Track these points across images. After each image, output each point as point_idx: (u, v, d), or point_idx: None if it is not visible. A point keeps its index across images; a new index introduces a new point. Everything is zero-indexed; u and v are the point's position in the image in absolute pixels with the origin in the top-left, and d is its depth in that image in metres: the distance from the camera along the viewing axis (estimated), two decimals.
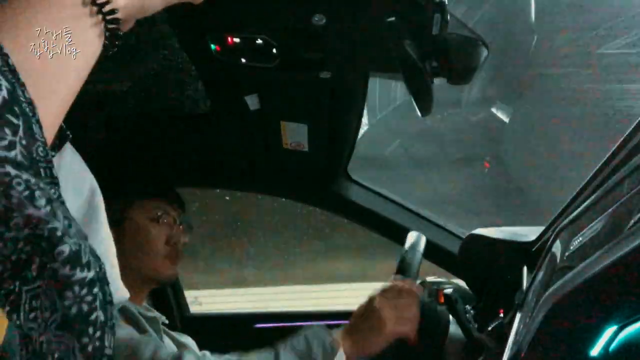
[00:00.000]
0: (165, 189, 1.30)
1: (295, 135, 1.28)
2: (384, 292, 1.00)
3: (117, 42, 0.45)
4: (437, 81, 0.87)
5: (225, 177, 1.60)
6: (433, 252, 1.54)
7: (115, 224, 1.18)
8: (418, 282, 1.11)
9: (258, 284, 3.86)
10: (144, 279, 1.20)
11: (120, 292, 0.63)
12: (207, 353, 1.00)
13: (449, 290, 0.97)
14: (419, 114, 0.89)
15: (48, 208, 0.34)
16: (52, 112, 0.40)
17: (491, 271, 1.23)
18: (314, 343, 0.97)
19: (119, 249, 1.16)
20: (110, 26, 0.44)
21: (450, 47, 0.82)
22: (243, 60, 0.96)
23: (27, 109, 0.36)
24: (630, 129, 0.77)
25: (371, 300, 1.00)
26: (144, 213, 1.21)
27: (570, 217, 0.78)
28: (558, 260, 0.71)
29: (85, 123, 1.34)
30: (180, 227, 1.26)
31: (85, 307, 0.37)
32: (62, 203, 0.37)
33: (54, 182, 0.37)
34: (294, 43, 0.91)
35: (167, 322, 1.23)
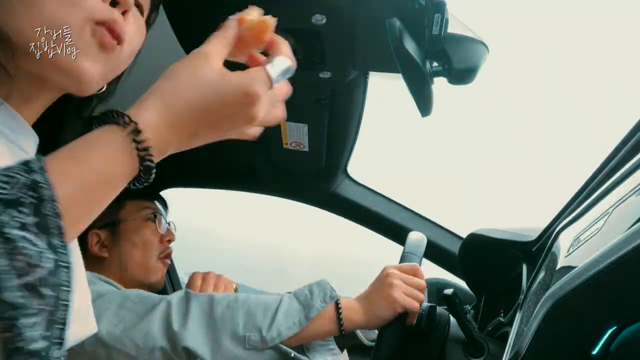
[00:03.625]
0: (151, 189, 1.32)
1: (295, 135, 1.28)
2: (400, 267, 1.02)
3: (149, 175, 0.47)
4: (437, 81, 0.87)
5: (225, 178, 1.60)
6: (433, 252, 1.54)
7: (110, 226, 1.20)
8: None
9: None
10: (136, 281, 1.20)
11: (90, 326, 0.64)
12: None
13: (449, 290, 0.96)
14: (419, 114, 0.89)
15: None
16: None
17: (491, 271, 1.23)
18: (315, 292, 0.98)
19: (114, 252, 1.18)
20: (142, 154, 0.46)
21: (450, 47, 0.82)
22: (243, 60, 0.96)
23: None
24: (630, 129, 0.77)
25: (385, 270, 1.01)
26: (137, 213, 1.24)
27: (570, 217, 0.78)
28: (558, 260, 0.71)
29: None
30: (169, 225, 1.30)
31: None
32: None
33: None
34: (294, 43, 0.91)
35: None
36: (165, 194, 1.47)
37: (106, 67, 0.55)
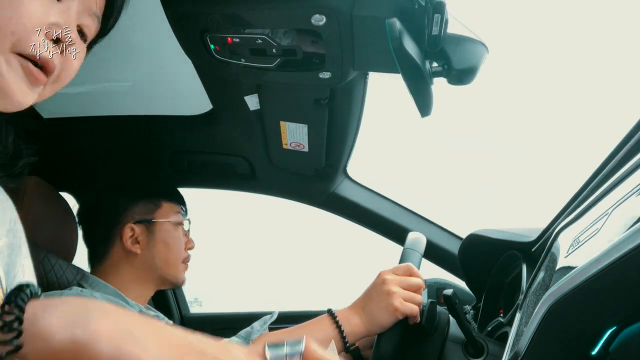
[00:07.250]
0: (179, 194, 1.33)
1: (295, 135, 1.27)
2: (394, 270, 1.01)
3: None
4: (437, 81, 0.87)
5: (225, 178, 1.60)
6: (433, 252, 1.54)
7: (146, 223, 1.21)
8: None
9: None
10: (161, 278, 1.22)
11: None
12: None
13: (449, 291, 0.96)
14: (419, 114, 0.89)
15: None
16: None
17: (491, 271, 1.23)
18: (256, 325, 1.05)
19: (147, 250, 1.19)
20: None
21: (450, 48, 0.82)
22: (243, 60, 0.96)
23: None
24: (630, 129, 0.77)
25: (381, 276, 1.00)
26: (172, 216, 1.25)
27: (570, 217, 0.78)
28: (558, 260, 0.71)
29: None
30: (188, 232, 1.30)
31: None
32: None
33: None
34: (294, 43, 0.91)
35: (170, 322, 1.23)
36: None
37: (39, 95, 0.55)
